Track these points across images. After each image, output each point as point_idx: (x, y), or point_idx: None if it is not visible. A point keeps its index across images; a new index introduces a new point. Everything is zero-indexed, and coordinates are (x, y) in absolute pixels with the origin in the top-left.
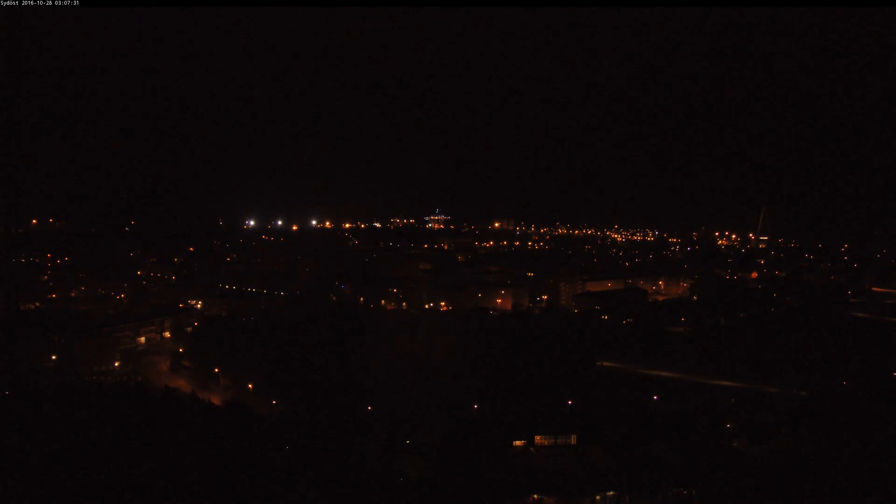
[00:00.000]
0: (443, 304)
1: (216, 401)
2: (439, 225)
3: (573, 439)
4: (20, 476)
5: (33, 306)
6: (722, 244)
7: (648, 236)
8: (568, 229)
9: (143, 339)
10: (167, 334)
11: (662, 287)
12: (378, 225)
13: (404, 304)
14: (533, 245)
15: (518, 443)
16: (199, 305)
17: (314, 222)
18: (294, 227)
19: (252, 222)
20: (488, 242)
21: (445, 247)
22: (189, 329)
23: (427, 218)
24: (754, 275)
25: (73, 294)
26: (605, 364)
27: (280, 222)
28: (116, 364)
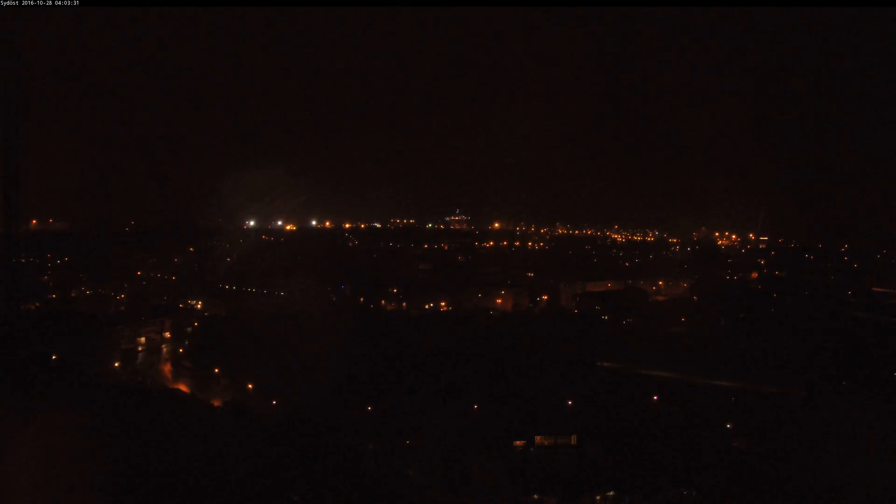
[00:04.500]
0: (443, 304)
1: (216, 401)
2: (458, 225)
3: (573, 439)
4: (20, 476)
5: (33, 306)
6: (722, 244)
7: (648, 236)
8: (568, 229)
9: (143, 339)
10: (167, 334)
11: (662, 287)
12: (378, 225)
13: (404, 304)
14: (533, 245)
15: (518, 443)
16: (199, 305)
17: (314, 222)
18: (295, 227)
19: (252, 222)
20: (488, 242)
21: (445, 247)
22: (189, 329)
23: (448, 218)
24: (754, 275)
25: (73, 294)
26: (605, 364)
27: (280, 222)
28: (116, 364)
